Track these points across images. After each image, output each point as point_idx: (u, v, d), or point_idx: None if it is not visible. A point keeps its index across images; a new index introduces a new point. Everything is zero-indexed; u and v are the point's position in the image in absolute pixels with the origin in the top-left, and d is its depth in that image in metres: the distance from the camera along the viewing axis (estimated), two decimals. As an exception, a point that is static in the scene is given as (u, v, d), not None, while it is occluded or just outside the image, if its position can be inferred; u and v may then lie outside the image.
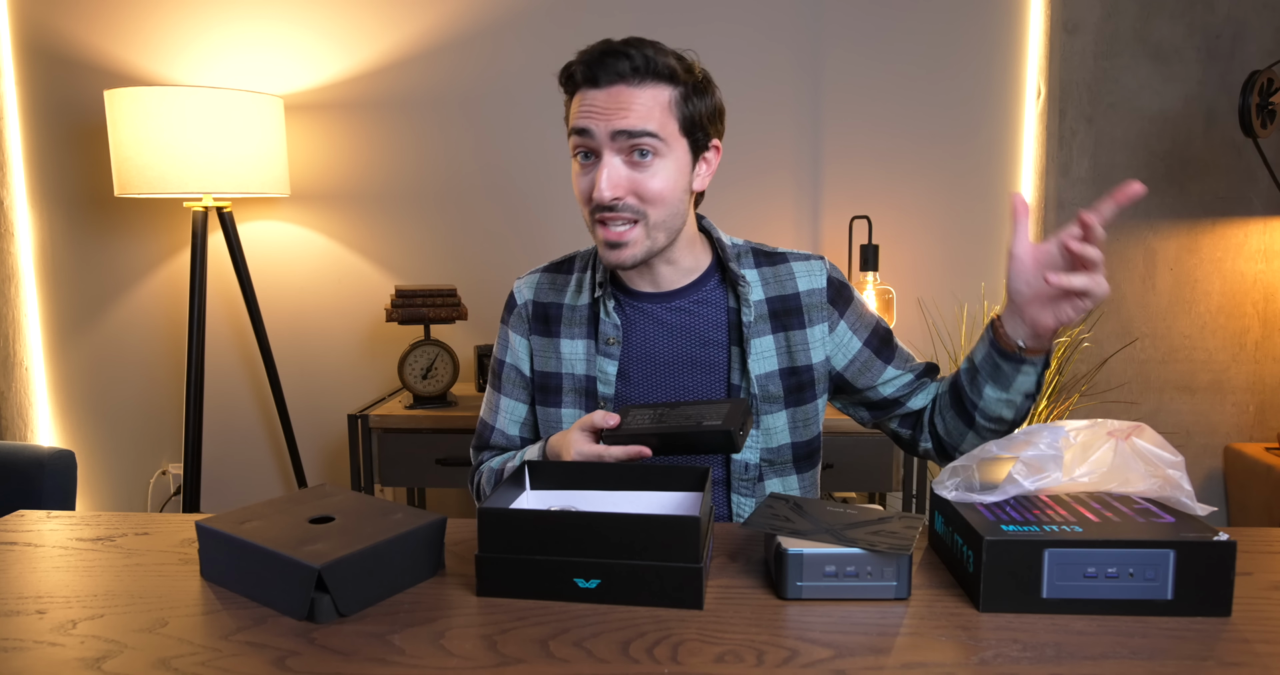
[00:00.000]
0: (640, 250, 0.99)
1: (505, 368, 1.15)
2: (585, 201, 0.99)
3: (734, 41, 2.13)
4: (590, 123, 0.95)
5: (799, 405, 1.08)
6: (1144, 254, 2.15)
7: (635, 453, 0.89)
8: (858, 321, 1.10)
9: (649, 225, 0.98)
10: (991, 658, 0.62)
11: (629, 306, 1.08)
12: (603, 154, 0.96)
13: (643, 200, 0.97)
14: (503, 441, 1.15)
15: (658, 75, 0.96)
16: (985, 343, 0.99)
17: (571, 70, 0.98)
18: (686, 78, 0.98)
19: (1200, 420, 2.19)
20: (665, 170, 0.97)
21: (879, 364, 1.10)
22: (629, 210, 0.97)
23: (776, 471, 1.08)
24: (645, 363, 1.07)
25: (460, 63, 2.18)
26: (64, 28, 2.18)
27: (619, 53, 0.95)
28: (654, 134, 0.95)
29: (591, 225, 1.00)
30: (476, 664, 0.61)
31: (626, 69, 0.95)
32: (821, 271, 1.09)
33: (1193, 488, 0.85)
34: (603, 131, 0.95)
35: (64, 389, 2.33)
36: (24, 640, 0.65)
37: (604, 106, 0.95)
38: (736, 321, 1.06)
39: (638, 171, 0.97)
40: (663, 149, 0.97)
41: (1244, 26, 2.06)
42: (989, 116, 2.16)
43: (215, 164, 1.86)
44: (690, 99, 0.98)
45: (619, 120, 0.94)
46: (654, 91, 0.96)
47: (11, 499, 1.41)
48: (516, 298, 1.15)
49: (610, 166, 0.96)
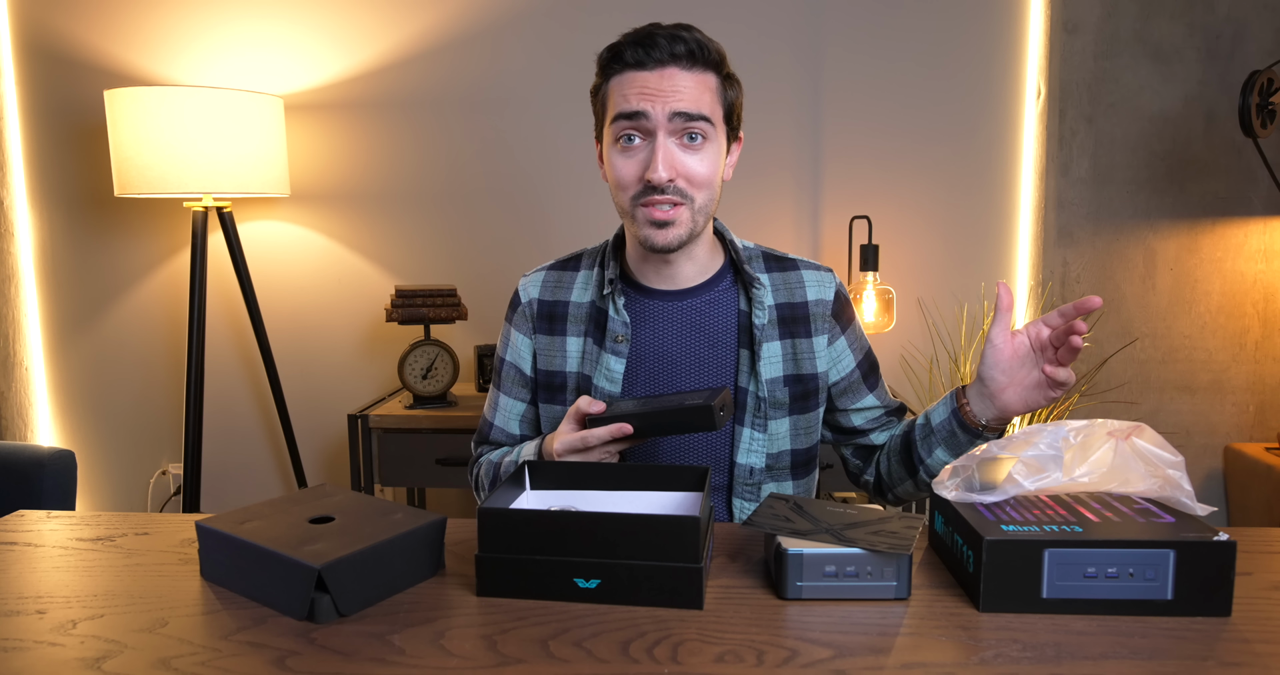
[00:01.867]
0: (685, 231, 0.99)
1: (505, 366, 1.15)
2: (631, 184, 0.98)
3: (734, 41, 2.12)
4: (648, 104, 0.94)
5: (802, 413, 1.08)
6: (1144, 254, 2.15)
7: (617, 430, 0.90)
8: (855, 342, 1.11)
9: (694, 209, 0.98)
10: (991, 658, 0.62)
11: (638, 304, 1.07)
12: (657, 135, 0.95)
13: (691, 183, 0.97)
14: (502, 438, 1.16)
15: (706, 61, 0.97)
16: (947, 410, 1.00)
17: (620, 49, 0.97)
18: (726, 67, 1.00)
19: (1200, 420, 2.19)
20: (711, 155, 0.98)
21: (864, 389, 1.12)
22: (677, 193, 0.97)
23: (774, 477, 1.08)
24: (653, 361, 1.06)
25: (460, 63, 2.18)
26: (64, 28, 2.18)
27: (672, 36, 0.95)
28: (708, 118, 0.96)
29: (631, 209, 0.99)
30: (476, 664, 0.61)
31: (682, 51, 0.95)
32: (831, 284, 1.10)
33: (1193, 488, 0.85)
34: (660, 113, 0.94)
35: (64, 389, 2.33)
36: (24, 640, 0.65)
37: (658, 88, 0.94)
38: (747, 324, 1.06)
39: (689, 154, 0.97)
40: (711, 133, 0.98)
41: (1244, 26, 2.06)
42: (989, 116, 2.16)
43: (215, 164, 1.86)
44: (728, 88, 1.00)
45: (676, 102, 0.94)
46: (703, 76, 0.97)
47: (11, 499, 1.41)
48: (521, 296, 1.14)
49: (665, 148, 0.95)
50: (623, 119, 0.96)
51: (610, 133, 0.99)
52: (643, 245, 1.00)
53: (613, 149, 0.99)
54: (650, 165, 0.95)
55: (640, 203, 0.98)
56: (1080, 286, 2.16)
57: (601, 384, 1.06)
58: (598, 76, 1.02)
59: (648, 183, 0.96)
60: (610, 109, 0.99)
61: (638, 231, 1.00)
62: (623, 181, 0.98)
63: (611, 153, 0.99)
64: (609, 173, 1.02)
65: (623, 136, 0.97)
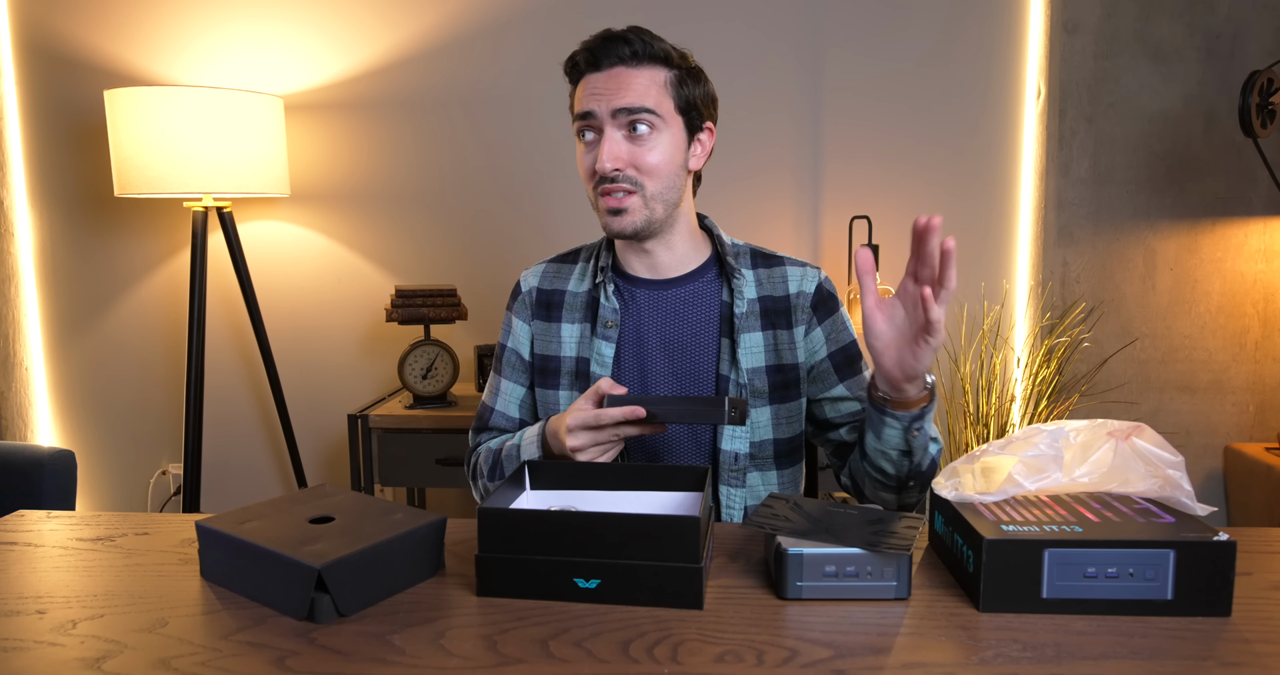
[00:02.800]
0: (640, 219, 1.05)
1: (507, 352, 1.20)
2: (589, 177, 1.06)
3: (734, 41, 2.13)
4: (594, 104, 1.03)
5: (784, 402, 1.11)
6: (1144, 254, 2.15)
7: (630, 412, 0.92)
8: (833, 333, 1.12)
9: (646, 196, 1.04)
10: (991, 658, 0.62)
11: (627, 292, 1.13)
12: (604, 130, 1.03)
13: (641, 171, 1.03)
14: (502, 422, 1.19)
15: (654, 58, 1.03)
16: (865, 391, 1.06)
17: (575, 58, 1.06)
18: (680, 62, 1.06)
19: (1200, 420, 2.19)
20: (661, 145, 1.04)
21: (833, 379, 1.11)
22: (628, 181, 1.03)
23: (758, 465, 1.10)
24: (639, 346, 1.11)
25: (460, 63, 2.18)
26: (64, 28, 2.18)
27: (618, 38, 1.02)
28: (651, 110, 1.02)
29: (595, 200, 1.06)
30: (476, 664, 0.61)
31: (626, 52, 1.02)
32: (814, 279, 1.13)
33: (1193, 488, 0.85)
34: (604, 110, 1.02)
35: (64, 389, 2.32)
36: (24, 640, 0.65)
37: (604, 88, 1.02)
38: (729, 314, 1.10)
39: (636, 145, 1.03)
40: (659, 124, 1.03)
41: (1244, 26, 2.06)
42: (989, 116, 2.16)
43: (215, 164, 1.85)
44: (685, 82, 1.06)
45: (618, 99, 1.02)
46: (651, 72, 1.03)
47: (11, 499, 1.41)
48: (522, 285, 1.20)
49: (610, 140, 1.02)
50: (578, 119, 1.05)
51: (575, 132, 1.08)
52: (605, 232, 1.08)
53: (578, 148, 1.08)
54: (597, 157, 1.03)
55: (599, 192, 1.05)
56: (1080, 286, 2.16)
57: (594, 368, 1.11)
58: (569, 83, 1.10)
59: (599, 173, 1.03)
60: (573, 112, 1.07)
61: (600, 220, 1.07)
62: (584, 174, 1.08)
63: (578, 150, 1.08)
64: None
65: (581, 134, 1.06)
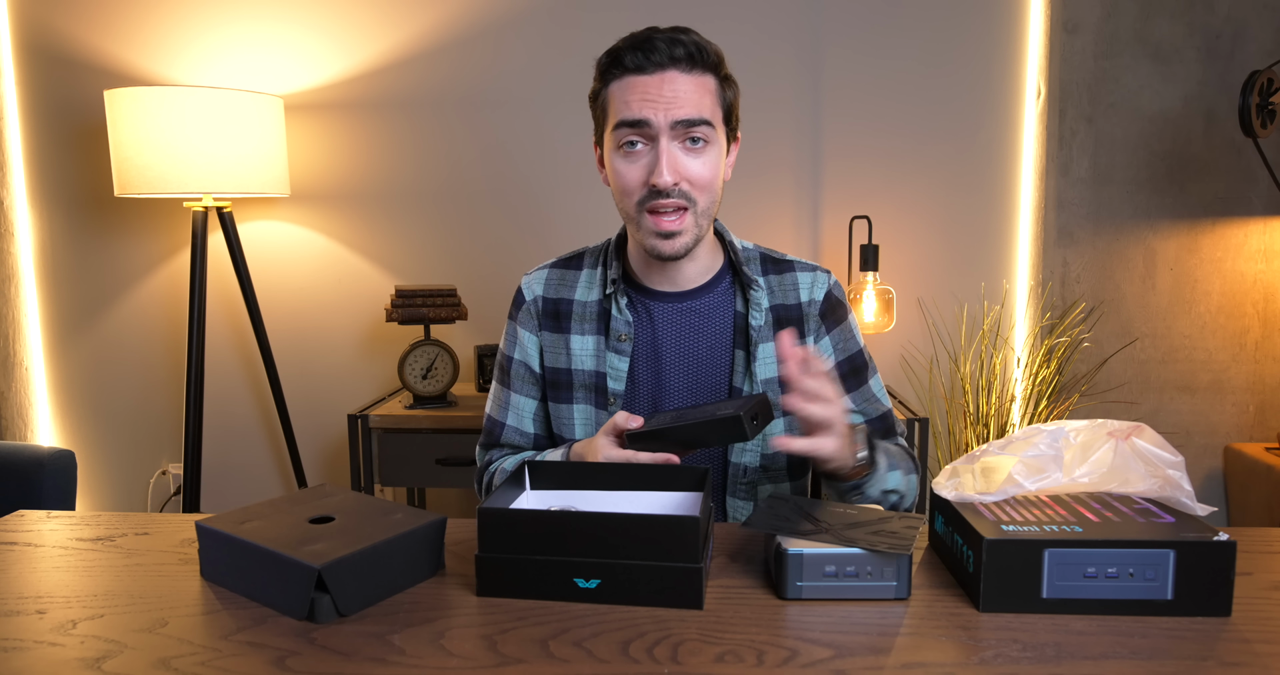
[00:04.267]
0: (691, 238, 0.99)
1: (514, 364, 1.13)
2: (635, 190, 0.98)
3: (734, 40, 2.13)
4: (649, 112, 0.94)
5: None
6: (1144, 254, 2.15)
7: (663, 459, 0.88)
8: (840, 342, 1.10)
9: (697, 213, 0.99)
10: (991, 658, 0.62)
11: (640, 304, 1.08)
12: (659, 140, 0.95)
13: (694, 186, 0.97)
14: (515, 438, 1.14)
15: (705, 63, 0.97)
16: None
17: (619, 55, 0.96)
18: (724, 68, 1.00)
19: (1200, 420, 2.19)
20: (713, 157, 0.98)
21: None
22: (681, 196, 0.97)
23: (770, 477, 1.08)
24: (654, 360, 1.07)
25: (460, 63, 2.18)
26: (64, 28, 2.18)
27: (671, 39, 0.95)
28: (709, 122, 0.97)
29: (636, 216, 0.99)
30: (476, 664, 0.61)
31: (681, 54, 0.95)
32: (824, 284, 1.10)
33: (1193, 488, 0.85)
34: (663, 121, 0.94)
35: (64, 389, 2.33)
36: (24, 640, 0.65)
37: (658, 94, 0.94)
38: (744, 325, 1.07)
39: (691, 158, 0.97)
40: (712, 136, 0.98)
41: (1244, 26, 2.06)
42: (989, 116, 2.16)
43: (215, 164, 1.85)
44: (725, 89, 1.00)
45: (678, 109, 0.94)
46: (702, 79, 0.97)
47: (11, 499, 1.41)
48: (525, 294, 1.13)
49: (669, 154, 0.95)
50: (625, 126, 0.96)
51: (612, 139, 0.99)
52: (649, 254, 1.01)
53: (615, 154, 0.99)
54: (655, 170, 0.95)
55: (646, 209, 0.97)
56: (1080, 286, 2.16)
57: (609, 383, 1.07)
58: (596, 81, 1.01)
59: (653, 187, 0.95)
60: (612, 115, 0.98)
61: (643, 240, 1.00)
62: (627, 187, 0.98)
63: (614, 158, 0.99)
64: (612, 178, 1.01)
65: (625, 143, 0.97)
